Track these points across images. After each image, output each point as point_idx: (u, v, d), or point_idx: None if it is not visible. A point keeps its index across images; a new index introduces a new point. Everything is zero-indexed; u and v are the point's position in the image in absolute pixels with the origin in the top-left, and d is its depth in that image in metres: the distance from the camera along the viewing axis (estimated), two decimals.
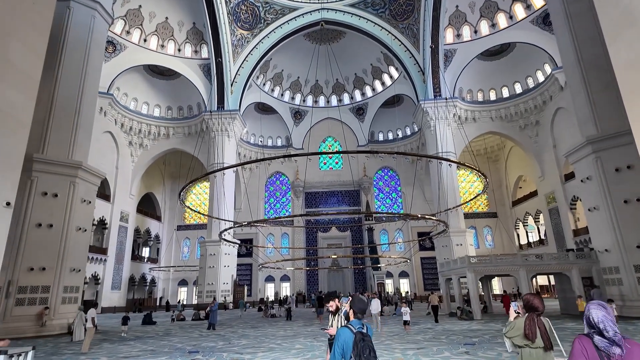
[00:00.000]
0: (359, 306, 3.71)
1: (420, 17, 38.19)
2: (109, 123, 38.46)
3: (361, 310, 3.71)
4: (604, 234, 17.72)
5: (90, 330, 11.48)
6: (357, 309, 3.70)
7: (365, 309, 3.80)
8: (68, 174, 17.63)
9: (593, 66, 18.00)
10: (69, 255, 17.15)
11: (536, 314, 3.39)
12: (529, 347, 3.30)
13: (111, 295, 38.35)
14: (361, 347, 3.29)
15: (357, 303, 3.77)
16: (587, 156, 18.45)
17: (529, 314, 3.41)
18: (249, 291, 45.06)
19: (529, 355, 3.31)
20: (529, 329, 3.29)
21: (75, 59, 18.74)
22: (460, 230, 35.56)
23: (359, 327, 3.50)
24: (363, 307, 3.73)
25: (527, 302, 3.49)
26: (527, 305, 3.48)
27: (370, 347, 3.33)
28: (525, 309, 3.51)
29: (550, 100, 36.56)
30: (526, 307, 3.49)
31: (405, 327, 14.43)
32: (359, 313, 3.69)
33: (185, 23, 40.65)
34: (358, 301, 3.81)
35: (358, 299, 3.85)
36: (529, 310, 3.45)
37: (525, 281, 18.45)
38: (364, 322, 3.61)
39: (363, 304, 3.77)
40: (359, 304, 3.75)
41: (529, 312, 3.44)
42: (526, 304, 3.50)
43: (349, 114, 50.74)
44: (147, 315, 21.05)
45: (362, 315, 3.70)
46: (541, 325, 3.33)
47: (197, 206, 50.74)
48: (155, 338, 14.94)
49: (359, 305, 3.72)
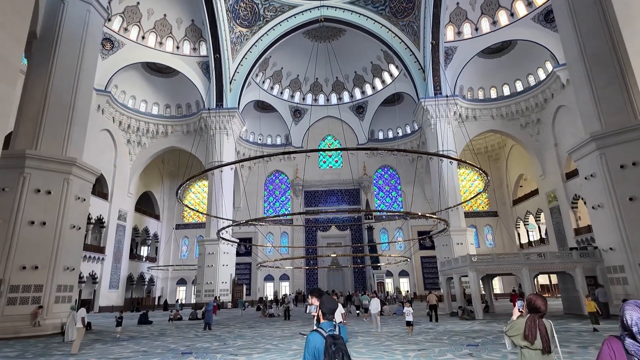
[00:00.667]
0: (328, 306, 3.43)
1: (420, 14, 37.85)
2: (106, 121, 38.13)
3: (330, 311, 3.43)
4: (608, 232, 17.37)
5: (80, 330, 11.13)
6: (326, 309, 3.41)
7: (335, 309, 3.51)
8: (62, 171, 17.29)
9: (597, 61, 17.65)
10: (62, 253, 16.81)
11: (538, 315, 3.35)
12: (528, 348, 3.28)
13: (109, 295, 38.05)
14: (332, 352, 3.01)
15: (327, 303, 3.48)
16: (591, 153, 18.08)
17: (531, 314, 3.37)
18: (248, 290, 44.76)
19: (528, 355, 3.29)
20: (529, 330, 3.26)
21: (70, 53, 18.39)
22: (461, 229, 35.27)
23: (330, 329, 3.22)
24: (332, 307, 3.45)
25: (529, 303, 3.45)
26: (529, 305, 3.44)
27: (344, 351, 3.04)
28: (527, 309, 3.47)
29: (551, 98, 36.21)
30: (529, 307, 3.45)
31: (408, 329, 13.65)
32: (328, 314, 3.41)
33: (184, 20, 40.30)
34: (327, 301, 3.53)
35: (327, 299, 3.57)
36: (531, 310, 3.41)
37: (528, 280, 18.11)
38: (338, 324, 3.35)
39: (333, 303, 3.49)
40: (328, 304, 3.47)
41: (531, 312, 3.40)
42: (529, 304, 3.46)
43: (349, 112, 50.40)
44: (143, 314, 20.72)
45: (332, 317, 3.43)
46: (542, 327, 3.29)
47: (196, 205, 50.42)
48: (150, 338, 14.62)
49: (328, 306, 3.44)
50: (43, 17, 18.61)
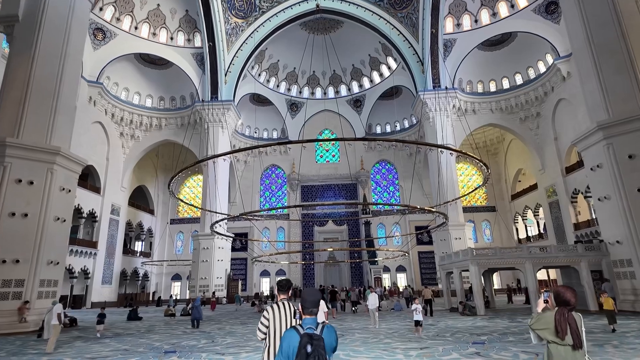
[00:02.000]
0: (310, 299, 3.03)
1: (419, 5, 37.12)
2: (99, 113, 37.28)
3: (312, 304, 3.01)
4: (615, 225, 16.75)
5: (56, 327, 10.44)
6: (308, 303, 3.01)
7: (318, 300, 3.06)
8: (45, 160, 16.46)
9: (605, 49, 17.02)
10: (46, 246, 16.03)
11: (568, 308, 3.10)
12: (557, 343, 3.07)
13: (102, 290, 37.37)
14: (307, 354, 2.55)
15: (307, 296, 3.07)
16: (598, 143, 17.45)
17: (560, 307, 3.12)
18: (243, 286, 44.16)
19: (556, 351, 3.09)
20: (560, 325, 3.03)
21: (54, 38, 17.44)
22: (459, 224, 34.78)
23: (309, 327, 2.77)
24: (314, 299, 3.03)
25: (558, 295, 3.19)
26: (558, 298, 3.18)
27: (320, 354, 2.56)
28: (555, 302, 3.20)
29: (551, 92, 35.63)
30: (557, 300, 3.19)
31: (416, 329, 12.01)
32: (310, 308, 3.00)
33: (178, 10, 39.36)
34: (308, 294, 3.09)
35: (308, 291, 3.13)
36: (559, 304, 3.15)
37: (531, 275, 17.52)
38: (321, 323, 2.88)
39: (314, 295, 3.07)
40: (309, 297, 3.05)
41: (559, 305, 3.14)
42: (557, 297, 3.19)
43: (346, 106, 49.65)
44: (132, 310, 20.03)
45: (315, 310, 3.00)
46: (572, 321, 3.05)
47: (191, 200, 49.69)
48: (135, 335, 13.94)
49: (309, 298, 3.04)
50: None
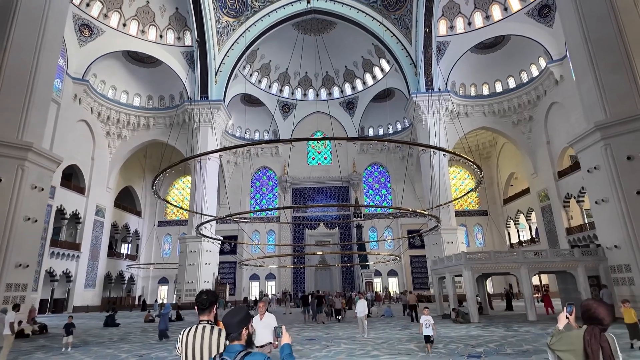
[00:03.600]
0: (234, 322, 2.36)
1: (412, 7, 36.83)
2: (84, 111, 36.25)
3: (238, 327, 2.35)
4: (613, 229, 16.33)
5: (8, 338, 9.54)
6: (231, 328, 2.36)
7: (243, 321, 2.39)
8: (15, 156, 15.49)
9: (602, 46, 16.63)
10: (13, 248, 15.02)
11: (600, 328, 2.52)
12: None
13: (84, 294, 36.20)
14: None
15: (229, 319, 2.40)
16: (595, 143, 17.01)
17: (590, 326, 2.54)
18: (232, 290, 43.24)
19: None
20: (591, 347, 2.44)
21: (29, 28, 16.51)
22: (452, 228, 34.41)
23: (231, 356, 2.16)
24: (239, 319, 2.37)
25: (587, 311, 2.61)
26: (587, 314, 2.60)
27: None
28: (583, 318, 2.63)
29: (544, 95, 35.56)
30: (585, 316, 2.61)
31: (425, 346, 10.07)
32: (232, 333, 2.34)
33: (168, 8, 38.55)
34: (230, 316, 2.43)
35: (230, 313, 2.46)
36: (589, 321, 2.58)
37: (526, 280, 17.07)
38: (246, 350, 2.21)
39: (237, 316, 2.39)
40: (231, 319, 2.38)
41: (588, 323, 2.57)
42: (586, 313, 2.61)
43: (339, 108, 49.17)
44: (109, 316, 19.06)
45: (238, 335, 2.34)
46: (605, 343, 2.47)
47: (179, 201, 48.69)
48: (104, 345, 12.99)
49: (232, 322, 2.37)
50: None
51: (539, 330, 13.87)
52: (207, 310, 2.86)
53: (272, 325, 5.58)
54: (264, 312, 5.90)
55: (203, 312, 2.85)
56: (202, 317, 2.84)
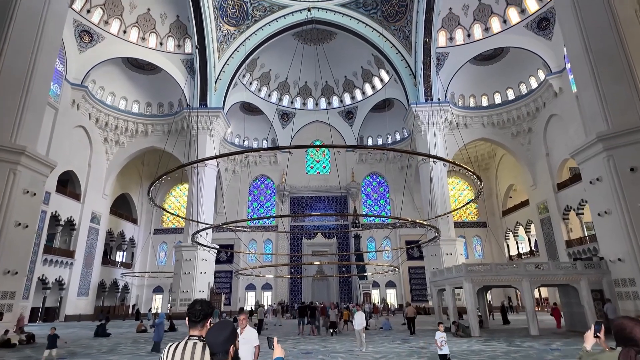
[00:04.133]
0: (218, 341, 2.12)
1: (412, 19, 37.08)
2: (82, 117, 36.05)
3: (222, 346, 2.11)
4: (616, 242, 16.06)
5: None
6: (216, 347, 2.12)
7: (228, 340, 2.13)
8: (7, 160, 15.23)
9: (603, 57, 16.62)
10: (3, 254, 14.66)
11: (635, 350, 2.21)
12: None
13: (77, 302, 35.54)
14: None
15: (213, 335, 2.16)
16: (597, 155, 16.86)
17: (625, 349, 2.24)
18: (227, 300, 42.57)
19: None
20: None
21: (27, 30, 16.40)
22: (451, 239, 34.08)
23: None
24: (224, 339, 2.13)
25: (621, 330, 2.30)
26: (621, 334, 2.30)
27: None
28: (616, 339, 2.32)
29: (543, 107, 35.61)
30: (619, 337, 2.31)
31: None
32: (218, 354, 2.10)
33: (169, 16, 38.71)
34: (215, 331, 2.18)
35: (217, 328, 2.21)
36: (623, 342, 2.28)
37: (528, 293, 16.74)
38: None
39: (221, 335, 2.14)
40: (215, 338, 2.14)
41: (622, 345, 2.27)
42: (619, 333, 2.31)
43: (338, 117, 49.17)
44: (100, 325, 18.54)
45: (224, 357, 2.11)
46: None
47: (176, 209, 48.26)
48: (92, 356, 12.47)
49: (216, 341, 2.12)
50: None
51: (543, 346, 13.49)
52: (199, 324, 2.42)
53: (252, 341, 5.10)
54: (245, 325, 5.45)
55: (195, 325, 2.43)
56: (193, 331, 2.43)
